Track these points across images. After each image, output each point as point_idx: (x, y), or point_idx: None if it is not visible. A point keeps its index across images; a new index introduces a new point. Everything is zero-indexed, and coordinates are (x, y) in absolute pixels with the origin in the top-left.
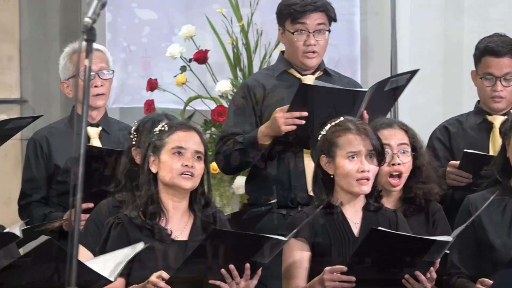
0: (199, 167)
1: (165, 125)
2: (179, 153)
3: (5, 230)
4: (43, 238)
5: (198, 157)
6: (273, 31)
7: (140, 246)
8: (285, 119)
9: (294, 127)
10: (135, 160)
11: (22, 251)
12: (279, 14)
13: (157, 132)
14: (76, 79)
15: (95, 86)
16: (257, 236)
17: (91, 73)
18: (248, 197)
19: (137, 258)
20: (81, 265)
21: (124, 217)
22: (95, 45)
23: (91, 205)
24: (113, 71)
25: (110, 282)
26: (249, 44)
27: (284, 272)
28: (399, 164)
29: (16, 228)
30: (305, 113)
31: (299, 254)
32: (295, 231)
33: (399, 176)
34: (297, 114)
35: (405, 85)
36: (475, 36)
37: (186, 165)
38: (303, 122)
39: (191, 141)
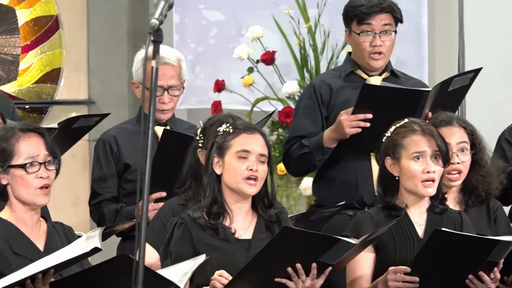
0: (263, 169)
1: (230, 126)
2: (244, 156)
3: (86, 237)
4: (122, 256)
5: (262, 160)
6: (340, 32)
7: (202, 258)
8: (349, 122)
9: (359, 130)
10: (201, 161)
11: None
12: (345, 15)
13: (221, 133)
14: (144, 82)
15: (162, 103)
16: (327, 237)
17: (160, 89)
18: (315, 198)
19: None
20: (149, 271)
21: (187, 217)
22: (173, 60)
23: (163, 194)
24: (183, 87)
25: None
26: (316, 45)
27: (348, 272)
28: (458, 163)
29: (95, 238)
30: (370, 115)
31: (363, 255)
32: (365, 236)
33: (459, 172)
34: (361, 116)
35: (469, 84)
36: None
37: (251, 169)
38: (368, 124)
39: (256, 144)
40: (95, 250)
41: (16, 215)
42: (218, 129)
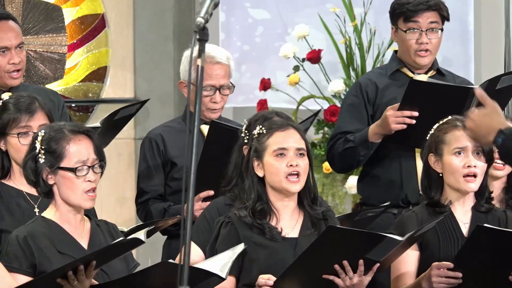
0: (304, 163)
1: (263, 128)
2: (282, 154)
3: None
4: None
5: (301, 154)
6: (386, 30)
7: (240, 247)
8: (395, 118)
9: (404, 126)
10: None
11: (135, 252)
12: (392, 12)
13: (256, 136)
14: (189, 81)
15: (214, 102)
16: (372, 234)
17: (211, 88)
18: (361, 196)
19: (248, 257)
20: (189, 267)
21: (234, 216)
22: (222, 58)
23: (211, 192)
24: (234, 87)
25: (222, 279)
26: (362, 43)
27: (392, 269)
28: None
29: (140, 232)
30: (416, 113)
31: (407, 253)
32: (412, 233)
33: (504, 163)
34: (407, 113)
35: None
36: None
37: (291, 165)
38: (414, 121)
39: (291, 140)
40: (137, 242)
41: (60, 215)
42: (252, 132)
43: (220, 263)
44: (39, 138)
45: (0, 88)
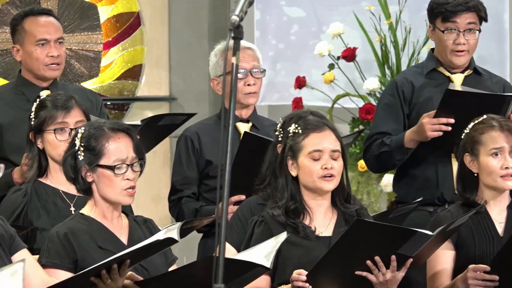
0: (338, 165)
1: (299, 128)
2: (317, 156)
3: (166, 230)
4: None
5: (336, 155)
6: (421, 28)
7: (283, 236)
8: (431, 125)
9: (440, 133)
10: None
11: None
12: (430, 11)
13: (291, 134)
14: (224, 75)
15: (248, 85)
16: (401, 229)
17: (243, 71)
18: (396, 194)
19: (282, 256)
20: (231, 260)
21: (267, 215)
22: (247, 43)
23: (242, 197)
24: (264, 70)
25: (266, 269)
26: (397, 41)
27: (428, 268)
28: None
29: (174, 231)
30: (452, 120)
31: (443, 252)
32: (443, 227)
33: None
34: (443, 120)
35: None
36: None
37: (325, 168)
38: (450, 128)
39: (327, 141)
40: (171, 241)
41: (98, 211)
42: (288, 129)
43: (263, 253)
44: (79, 135)
45: (40, 80)
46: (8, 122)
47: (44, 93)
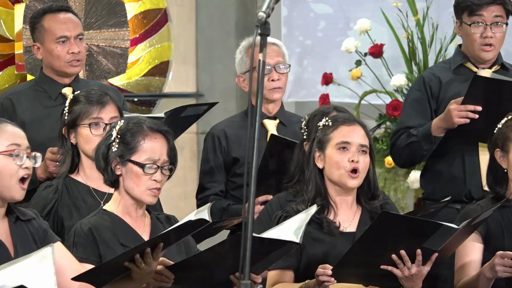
0: (365, 160)
1: (329, 120)
2: (344, 148)
3: (196, 212)
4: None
5: (363, 150)
6: (448, 25)
7: (313, 208)
8: (458, 112)
9: (467, 120)
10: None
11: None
12: (456, 6)
13: (321, 127)
14: (251, 72)
15: (272, 80)
16: (427, 222)
17: (268, 67)
18: (423, 191)
19: (306, 252)
20: (260, 239)
21: (291, 210)
22: (272, 39)
23: (270, 197)
24: (289, 65)
25: (296, 245)
26: (424, 38)
27: (456, 261)
28: None
29: (204, 212)
30: (479, 107)
31: (472, 244)
32: (469, 220)
33: None
34: (471, 107)
35: None
36: None
37: (352, 161)
38: (476, 116)
39: (356, 135)
40: (202, 222)
41: (122, 208)
42: (318, 124)
43: (292, 229)
44: (117, 127)
45: (61, 77)
46: (30, 119)
47: (66, 90)
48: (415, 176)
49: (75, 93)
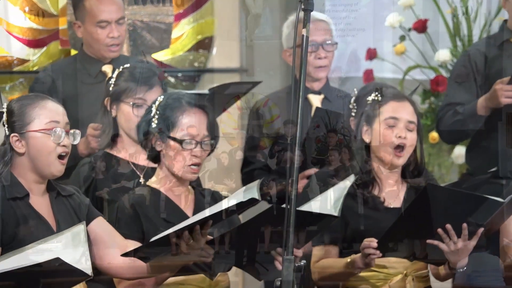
0: (412, 137)
1: (378, 95)
2: (392, 124)
3: (245, 189)
4: (264, 205)
5: (411, 127)
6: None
7: (351, 178)
8: (505, 91)
9: None
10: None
11: (241, 217)
12: None
13: (370, 102)
14: (294, 47)
15: (319, 58)
16: (472, 195)
17: (314, 44)
18: (468, 166)
19: (351, 227)
20: (300, 213)
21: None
22: (320, 15)
23: (313, 170)
24: (336, 43)
25: (335, 218)
26: (468, 13)
27: (501, 239)
28: None
29: (254, 189)
30: None
31: None
32: None
33: None
34: None
35: None
36: None
37: (399, 136)
38: None
39: (404, 111)
40: (252, 201)
41: (164, 183)
42: (367, 98)
43: (332, 200)
44: (157, 103)
45: (99, 60)
46: (70, 96)
47: (106, 68)
48: (459, 151)
49: (125, 65)
